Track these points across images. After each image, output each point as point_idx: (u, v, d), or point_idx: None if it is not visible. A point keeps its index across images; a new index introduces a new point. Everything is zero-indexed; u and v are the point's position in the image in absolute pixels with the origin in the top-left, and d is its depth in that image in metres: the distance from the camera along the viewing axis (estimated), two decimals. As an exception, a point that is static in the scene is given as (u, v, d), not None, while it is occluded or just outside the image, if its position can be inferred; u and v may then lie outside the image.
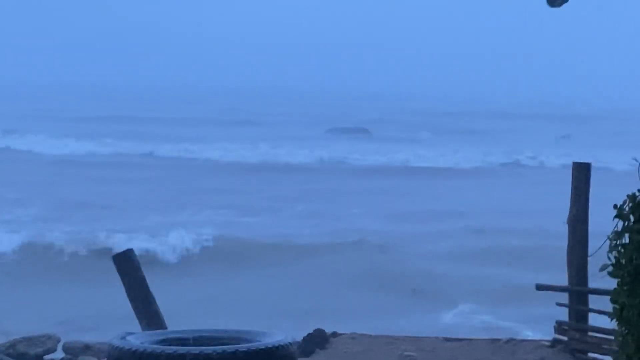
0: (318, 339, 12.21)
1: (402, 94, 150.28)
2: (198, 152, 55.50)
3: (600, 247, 7.09)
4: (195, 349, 9.58)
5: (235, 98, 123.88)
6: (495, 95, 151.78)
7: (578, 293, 13.17)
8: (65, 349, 11.91)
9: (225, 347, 9.66)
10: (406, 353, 11.96)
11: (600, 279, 12.08)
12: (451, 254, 25.93)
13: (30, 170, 44.80)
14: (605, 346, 12.55)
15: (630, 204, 6.55)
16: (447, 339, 13.38)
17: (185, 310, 18.11)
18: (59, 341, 11.87)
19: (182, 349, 9.58)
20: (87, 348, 11.78)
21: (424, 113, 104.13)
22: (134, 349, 9.54)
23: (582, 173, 13.41)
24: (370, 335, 12.81)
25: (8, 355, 11.50)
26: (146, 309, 12.51)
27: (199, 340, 10.27)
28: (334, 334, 12.66)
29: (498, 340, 13.66)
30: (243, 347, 9.64)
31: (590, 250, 13.05)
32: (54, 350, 11.77)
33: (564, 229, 13.21)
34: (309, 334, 12.33)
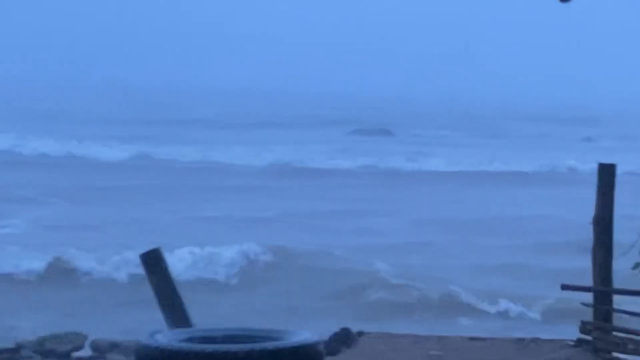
0: (344, 338, 12.26)
1: (425, 96, 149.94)
2: (215, 156, 54.45)
3: (633, 247, 7.11)
4: (222, 347, 9.60)
5: (252, 100, 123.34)
6: (515, 97, 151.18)
7: (602, 293, 13.18)
8: (93, 346, 11.98)
9: (252, 345, 9.69)
10: (432, 352, 11.99)
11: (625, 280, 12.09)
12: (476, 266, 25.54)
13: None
14: (630, 346, 12.56)
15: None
16: (472, 338, 13.40)
17: (210, 308, 18.19)
18: (86, 338, 11.94)
19: (209, 347, 9.61)
20: (114, 346, 11.87)
21: (448, 115, 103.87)
22: (161, 347, 9.57)
23: (607, 174, 13.46)
24: (396, 335, 12.84)
25: (36, 352, 11.59)
26: (173, 307, 12.59)
27: (227, 338, 10.30)
28: (360, 333, 12.70)
29: (523, 339, 13.68)
30: (270, 345, 9.67)
31: (614, 251, 13.11)
32: (81, 347, 11.84)
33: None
34: (335, 333, 12.38)
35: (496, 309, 21.16)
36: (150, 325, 14.60)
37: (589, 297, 13.38)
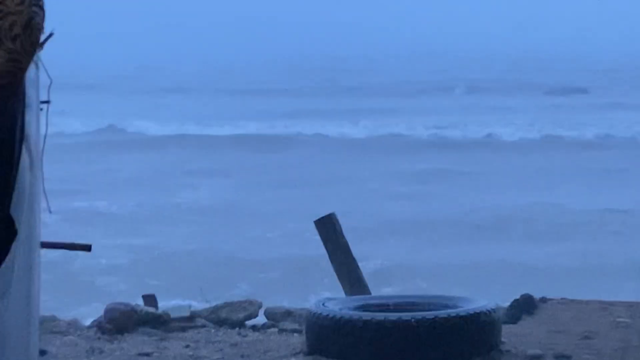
0: (525, 305, 11.72)
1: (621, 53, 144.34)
2: (387, 126, 49.35)
3: None
4: (393, 316, 9.28)
5: (425, 64, 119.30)
6: None
7: None
8: (267, 314, 11.85)
9: (424, 313, 9.33)
10: (619, 319, 11.30)
11: None
12: None
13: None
14: None
15: None
16: (664, 305, 12.62)
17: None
18: (260, 307, 11.82)
19: (379, 316, 9.30)
20: (288, 314, 11.70)
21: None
22: (331, 315, 9.35)
23: None
24: (582, 301, 12.19)
25: (210, 320, 11.54)
26: (349, 274, 12.39)
27: (399, 306, 9.98)
28: (543, 299, 12.12)
29: None
30: (443, 313, 9.29)
31: None
32: (255, 315, 11.73)
33: None
34: (516, 300, 11.84)
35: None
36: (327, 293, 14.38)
37: None
